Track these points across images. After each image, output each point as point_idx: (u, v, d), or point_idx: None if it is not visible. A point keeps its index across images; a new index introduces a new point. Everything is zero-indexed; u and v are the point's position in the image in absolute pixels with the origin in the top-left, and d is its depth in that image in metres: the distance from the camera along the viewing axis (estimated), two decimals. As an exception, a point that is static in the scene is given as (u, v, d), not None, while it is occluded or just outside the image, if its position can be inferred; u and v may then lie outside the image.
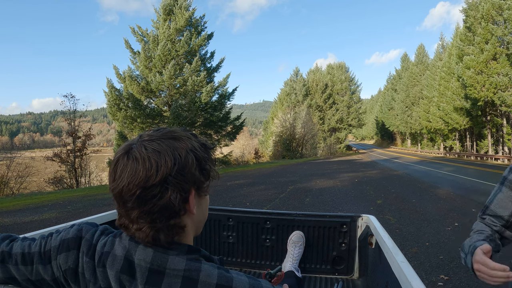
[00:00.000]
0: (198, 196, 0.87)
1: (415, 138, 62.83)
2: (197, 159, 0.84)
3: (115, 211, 1.12)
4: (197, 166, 0.83)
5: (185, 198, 0.81)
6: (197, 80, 24.64)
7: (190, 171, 0.81)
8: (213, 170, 0.90)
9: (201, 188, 0.86)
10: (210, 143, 0.95)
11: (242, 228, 2.71)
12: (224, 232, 2.74)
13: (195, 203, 0.85)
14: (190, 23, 26.42)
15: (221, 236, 2.75)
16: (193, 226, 0.89)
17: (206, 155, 0.88)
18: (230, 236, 2.73)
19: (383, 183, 13.75)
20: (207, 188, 0.90)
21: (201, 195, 0.89)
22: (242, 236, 2.72)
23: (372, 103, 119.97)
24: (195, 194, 0.84)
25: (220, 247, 2.76)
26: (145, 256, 0.80)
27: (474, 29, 31.20)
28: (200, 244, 2.79)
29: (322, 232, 2.56)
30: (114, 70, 25.35)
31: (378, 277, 1.89)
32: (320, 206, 8.61)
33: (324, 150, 51.88)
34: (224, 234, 2.74)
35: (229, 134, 28.02)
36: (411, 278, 1.28)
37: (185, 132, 0.88)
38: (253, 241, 2.70)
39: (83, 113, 21.77)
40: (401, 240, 5.63)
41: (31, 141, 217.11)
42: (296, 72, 57.46)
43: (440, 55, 50.01)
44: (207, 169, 0.87)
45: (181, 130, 0.88)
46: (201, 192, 0.88)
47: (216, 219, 2.75)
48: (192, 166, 0.82)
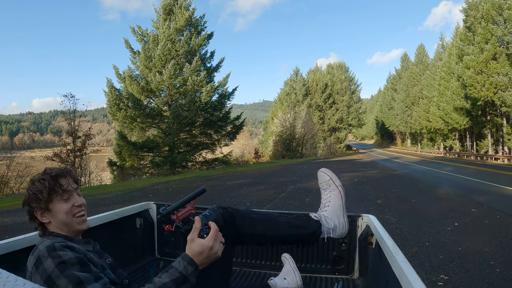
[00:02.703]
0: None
1: (415, 138, 62.83)
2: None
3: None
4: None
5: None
6: (197, 80, 24.63)
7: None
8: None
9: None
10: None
11: None
12: None
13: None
14: (190, 22, 26.43)
15: None
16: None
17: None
18: None
19: (383, 183, 13.75)
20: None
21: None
22: None
23: (372, 103, 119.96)
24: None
25: None
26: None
27: (474, 29, 31.21)
28: None
29: None
30: (114, 70, 25.37)
31: (378, 276, 1.89)
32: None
33: (324, 150, 51.89)
34: None
35: (229, 134, 28.01)
36: (411, 278, 1.28)
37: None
38: None
39: (83, 113, 21.79)
40: (401, 240, 5.63)
41: (31, 141, 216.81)
42: (296, 71, 57.49)
43: (440, 55, 50.01)
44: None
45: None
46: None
47: None
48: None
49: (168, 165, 23.90)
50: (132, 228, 2.78)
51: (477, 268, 4.35)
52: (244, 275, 2.57)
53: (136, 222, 2.83)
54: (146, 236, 2.89)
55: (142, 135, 25.55)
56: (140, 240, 2.83)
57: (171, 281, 1.22)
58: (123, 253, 2.57)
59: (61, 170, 1.50)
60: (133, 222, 2.81)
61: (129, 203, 6.35)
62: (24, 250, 1.81)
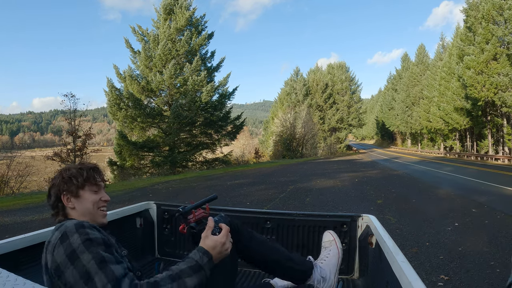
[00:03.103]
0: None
1: (415, 138, 62.82)
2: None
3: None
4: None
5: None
6: (197, 80, 24.64)
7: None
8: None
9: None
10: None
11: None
12: None
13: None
14: (191, 22, 26.45)
15: None
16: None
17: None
18: None
19: (383, 183, 13.75)
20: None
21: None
22: None
23: (372, 103, 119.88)
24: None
25: None
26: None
27: (475, 29, 31.20)
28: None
29: (322, 232, 2.56)
30: (114, 69, 25.37)
31: (378, 277, 1.89)
32: (320, 206, 8.60)
33: (324, 150, 51.90)
34: None
35: (229, 133, 28.01)
36: (411, 278, 1.28)
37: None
38: None
39: (83, 112, 21.76)
40: (401, 240, 5.63)
41: (31, 141, 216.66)
42: (296, 72, 57.51)
43: (440, 55, 49.99)
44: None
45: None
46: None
47: None
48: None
49: (168, 164, 23.91)
50: (132, 227, 2.79)
51: (477, 268, 4.34)
52: (244, 275, 2.57)
53: (136, 222, 2.83)
54: (146, 236, 2.89)
55: (143, 135, 25.56)
56: (140, 240, 2.83)
57: (188, 268, 1.32)
58: None
59: (96, 166, 1.64)
60: (133, 222, 2.81)
61: (129, 203, 6.36)
62: (25, 249, 1.82)
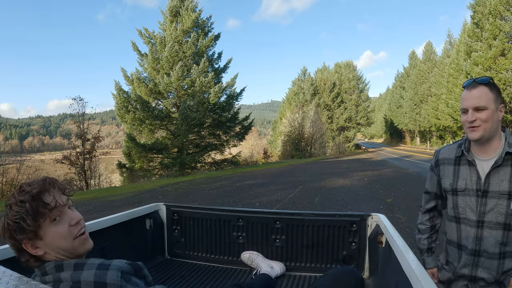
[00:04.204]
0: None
1: (424, 136, 62.34)
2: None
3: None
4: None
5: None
6: (205, 81, 24.71)
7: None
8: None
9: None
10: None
11: (252, 228, 2.72)
12: (234, 233, 2.76)
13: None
14: (197, 24, 26.52)
15: (231, 236, 2.77)
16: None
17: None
18: (240, 236, 2.74)
19: (392, 181, 13.64)
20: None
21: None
22: (252, 236, 2.72)
23: (380, 101, 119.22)
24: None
25: (230, 247, 2.78)
26: None
27: (482, 25, 30.87)
28: (210, 245, 2.81)
29: (332, 232, 2.56)
30: (122, 72, 25.55)
31: (388, 276, 1.89)
32: (329, 206, 8.58)
33: (333, 149, 51.72)
34: (234, 235, 2.76)
35: (237, 134, 28.05)
36: (421, 277, 1.27)
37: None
38: (263, 241, 2.70)
39: (92, 115, 21.97)
40: (411, 239, 5.58)
41: (40, 144, 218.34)
42: (304, 71, 57.41)
43: (447, 52, 49.56)
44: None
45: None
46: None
47: (226, 220, 2.77)
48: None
49: (177, 166, 23.98)
50: (142, 229, 2.81)
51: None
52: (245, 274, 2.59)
53: (146, 223, 2.85)
54: (156, 237, 2.91)
55: (151, 137, 25.70)
56: (150, 241, 2.85)
57: None
58: (133, 254, 2.59)
59: (42, 184, 1.18)
60: (143, 223, 2.83)
61: (138, 205, 6.39)
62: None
